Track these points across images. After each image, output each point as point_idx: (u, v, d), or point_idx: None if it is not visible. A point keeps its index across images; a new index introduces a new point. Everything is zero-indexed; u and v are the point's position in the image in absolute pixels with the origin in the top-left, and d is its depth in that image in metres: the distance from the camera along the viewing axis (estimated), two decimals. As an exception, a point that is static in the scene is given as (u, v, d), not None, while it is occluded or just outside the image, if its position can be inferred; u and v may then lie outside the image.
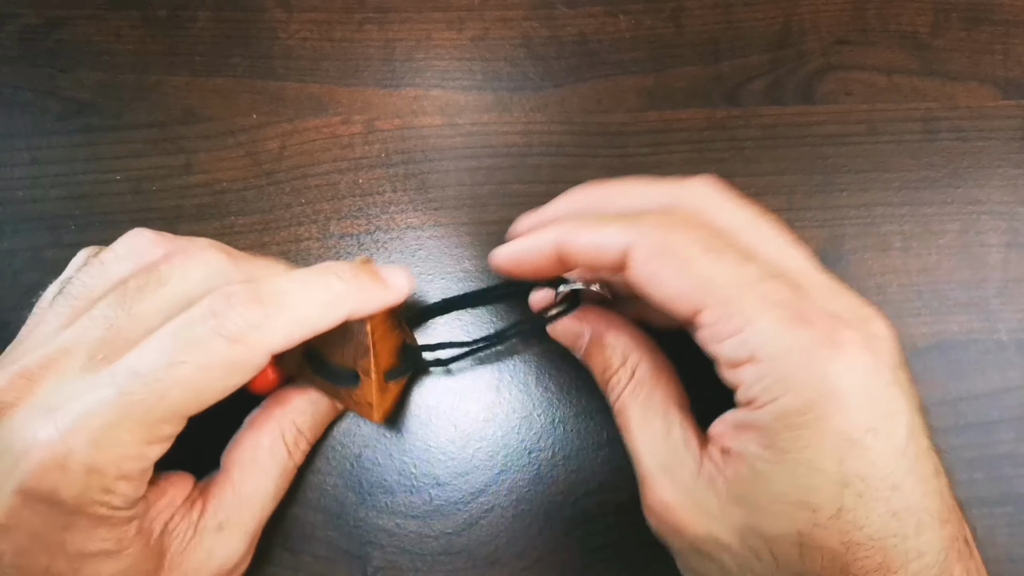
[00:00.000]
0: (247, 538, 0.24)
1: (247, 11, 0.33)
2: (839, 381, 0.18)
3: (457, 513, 0.28)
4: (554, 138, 0.32)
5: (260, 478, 0.24)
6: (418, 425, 0.29)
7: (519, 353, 0.30)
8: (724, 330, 0.19)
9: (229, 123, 0.32)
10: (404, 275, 0.25)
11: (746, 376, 0.19)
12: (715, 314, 0.19)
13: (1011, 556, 0.28)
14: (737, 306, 0.19)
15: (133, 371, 0.20)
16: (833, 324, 0.19)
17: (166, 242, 0.23)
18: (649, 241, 0.20)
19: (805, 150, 0.32)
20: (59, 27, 0.33)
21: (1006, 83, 0.33)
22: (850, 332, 0.19)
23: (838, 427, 0.18)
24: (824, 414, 0.18)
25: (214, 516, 0.23)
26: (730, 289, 0.19)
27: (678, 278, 0.20)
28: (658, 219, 0.21)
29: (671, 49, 0.34)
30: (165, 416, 0.20)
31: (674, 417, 0.22)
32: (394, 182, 0.32)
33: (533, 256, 0.23)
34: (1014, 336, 0.30)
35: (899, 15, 0.34)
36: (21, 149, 0.31)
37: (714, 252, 0.20)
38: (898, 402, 0.19)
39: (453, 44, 0.33)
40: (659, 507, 0.21)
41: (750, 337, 0.19)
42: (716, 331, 0.19)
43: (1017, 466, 0.29)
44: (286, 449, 0.26)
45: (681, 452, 0.21)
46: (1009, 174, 0.32)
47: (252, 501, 0.24)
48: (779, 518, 0.19)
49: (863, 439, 0.18)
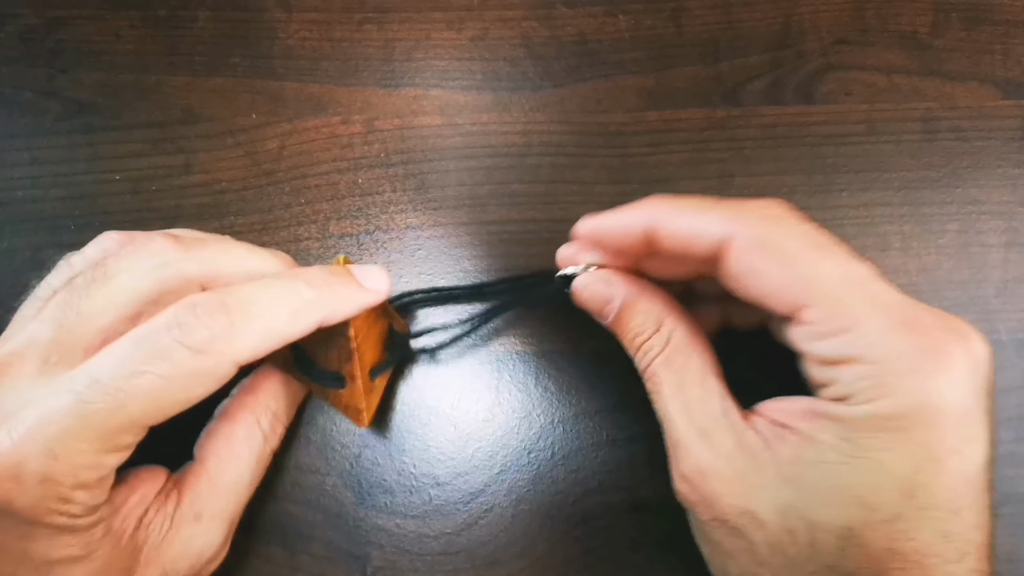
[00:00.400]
0: (225, 527, 0.24)
1: (247, 11, 0.33)
2: (940, 395, 0.18)
3: (457, 513, 0.28)
4: (554, 138, 0.32)
5: (236, 467, 0.24)
6: (418, 425, 0.29)
7: (519, 353, 0.30)
8: (828, 329, 0.19)
9: (229, 123, 0.32)
10: (381, 275, 0.24)
11: (844, 375, 0.19)
12: (820, 312, 0.19)
13: (1011, 556, 0.28)
14: (846, 305, 0.19)
15: (93, 379, 0.19)
16: (944, 335, 0.18)
17: (128, 239, 0.23)
18: (752, 232, 0.20)
19: (805, 150, 0.32)
20: (59, 27, 0.33)
21: (1006, 83, 0.33)
22: (958, 345, 0.18)
23: (926, 440, 0.18)
24: (916, 424, 0.18)
25: (191, 507, 0.23)
26: (838, 288, 0.19)
27: (782, 273, 0.19)
28: (762, 210, 0.20)
29: (671, 49, 0.34)
30: (124, 426, 0.20)
31: (712, 385, 0.22)
32: (394, 182, 0.32)
33: (620, 232, 0.23)
34: (1014, 336, 0.30)
35: (899, 15, 0.34)
36: (21, 149, 0.31)
37: (821, 249, 0.19)
38: (984, 429, 0.18)
39: (453, 44, 0.33)
40: (694, 473, 0.21)
41: (857, 338, 0.18)
42: (818, 329, 0.19)
43: (1017, 466, 0.29)
44: (262, 436, 0.25)
45: (721, 420, 0.21)
46: (1009, 174, 0.32)
47: (229, 490, 0.24)
48: (831, 507, 0.19)
49: (945, 458, 0.18)
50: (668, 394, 0.22)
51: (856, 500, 0.18)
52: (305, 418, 0.29)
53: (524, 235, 0.31)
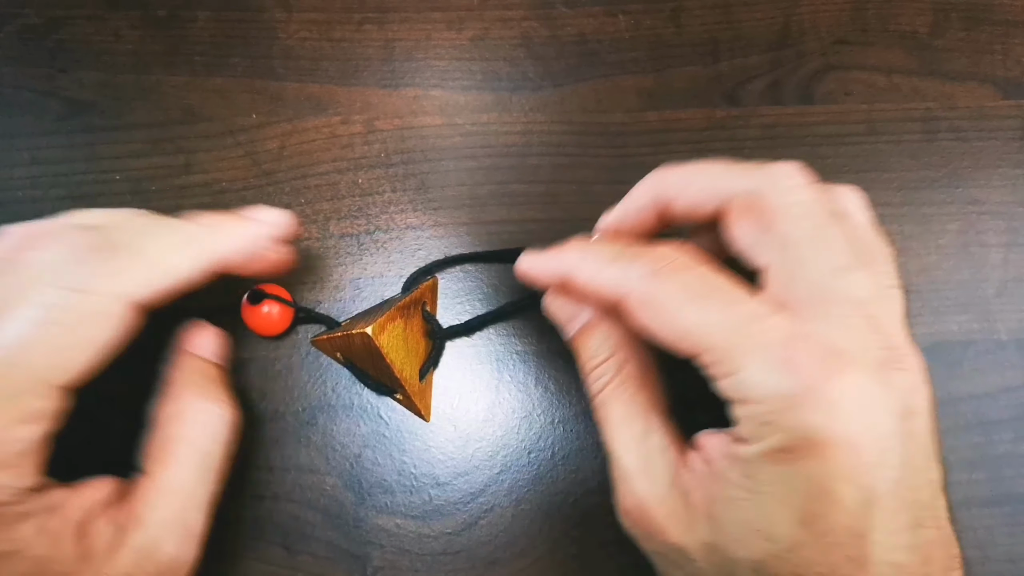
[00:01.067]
0: (179, 531, 0.23)
1: (247, 11, 0.33)
2: (820, 429, 0.18)
3: (457, 513, 0.28)
4: (554, 138, 0.32)
5: (177, 467, 0.23)
6: (418, 425, 0.29)
7: (519, 353, 0.30)
8: (718, 372, 0.19)
9: (229, 123, 0.32)
10: (270, 210, 0.24)
11: (740, 414, 0.19)
12: (710, 357, 0.19)
13: (1011, 556, 0.28)
14: (726, 351, 0.19)
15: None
16: (827, 369, 0.18)
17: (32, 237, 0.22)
18: (638, 293, 0.20)
19: (805, 150, 0.32)
20: (59, 27, 0.33)
21: (1006, 83, 0.33)
22: (846, 378, 0.18)
23: (813, 473, 0.18)
24: (800, 458, 0.18)
25: (138, 514, 0.22)
26: (719, 334, 0.19)
27: (669, 328, 0.20)
28: (649, 264, 0.21)
29: (671, 49, 0.34)
30: (26, 386, 0.19)
31: (654, 422, 0.22)
32: (394, 182, 0.32)
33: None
34: (1013, 336, 0.30)
35: (899, 15, 0.34)
36: (21, 149, 0.31)
37: (700, 299, 0.20)
38: (890, 453, 0.18)
39: (453, 44, 0.33)
40: (635, 508, 0.22)
41: (742, 380, 0.19)
42: (713, 372, 0.20)
43: (1016, 466, 0.29)
44: (199, 430, 0.24)
45: (660, 458, 0.22)
46: (1009, 174, 0.32)
47: (174, 491, 0.23)
48: (742, 543, 0.19)
49: (836, 487, 0.18)
50: (614, 427, 0.23)
51: (760, 534, 0.19)
52: (305, 418, 0.29)
53: (524, 235, 0.31)
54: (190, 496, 0.23)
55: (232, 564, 0.28)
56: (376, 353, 0.26)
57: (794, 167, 0.22)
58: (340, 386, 0.29)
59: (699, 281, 0.20)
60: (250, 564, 0.28)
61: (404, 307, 0.27)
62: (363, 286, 0.30)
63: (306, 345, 0.30)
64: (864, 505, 0.18)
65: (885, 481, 0.18)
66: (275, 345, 0.30)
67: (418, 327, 0.29)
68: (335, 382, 0.29)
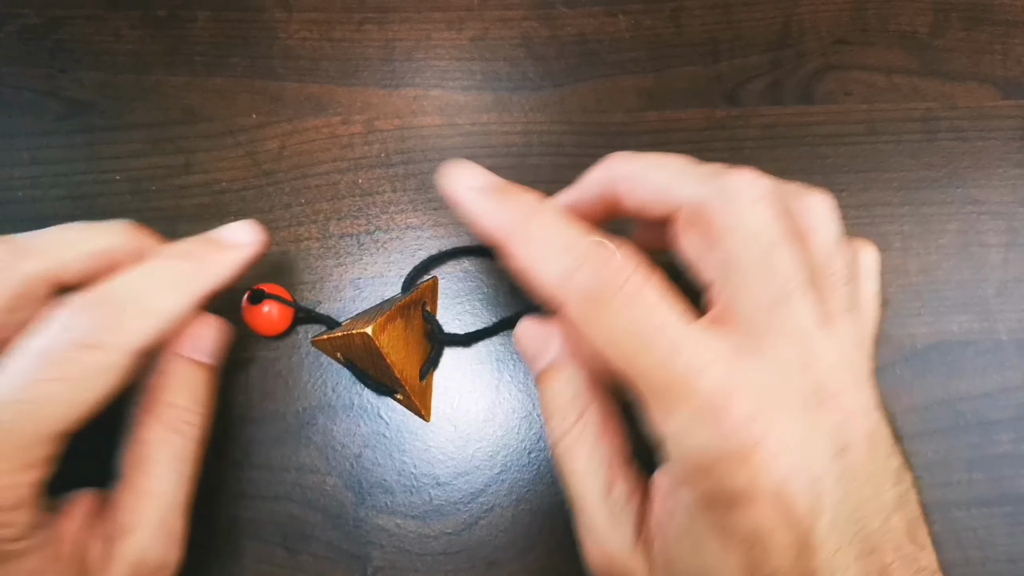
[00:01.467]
0: (162, 534, 0.23)
1: (247, 11, 0.33)
2: (750, 485, 0.18)
3: (457, 513, 0.28)
4: (554, 138, 0.32)
5: (155, 471, 0.23)
6: (418, 425, 0.29)
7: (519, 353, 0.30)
8: (651, 415, 0.19)
9: (229, 123, 0.32)
10: (244, 229, 0.24)
11: (673, 456, 0.19)
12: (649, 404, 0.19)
13: (1011, 556, 0.28)
14: (662, 398, 0.19)
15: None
16: (754, 422, 0.18)
17: None
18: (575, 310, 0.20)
19: (805, 150, 0.32)
20: (59, 27, 0.33)
21: (1006, 83, 0.33)
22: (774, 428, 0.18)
23: (746, 523, 0.18)
24: (734, 509, 0.18)
25: (120, 522, 0.22)
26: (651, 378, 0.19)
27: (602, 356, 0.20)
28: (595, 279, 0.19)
29: (671, 49, 0.34)
30: (35, 439, 0.19)
31: (618, 471, 0.22)
32: (394, 182, 0.32)
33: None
34: (1013, 336, 0.30)
35: (899, 15, 0.34)
36: (21, 149, 0.31)
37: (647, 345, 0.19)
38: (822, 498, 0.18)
39: (453, 44, 0.33)
40: (603, 564, 0.21)
41: (671, 429, 0.19)
42: (645, 412, 0.19)
43: (1016, 466, 0.29)
44: (171, 433, 0.24)
45: (622, 510, 0.21)
46: (1009, 174, 0.32)
47: (155, 496, 0.23)
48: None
49: (767, 537, 0.18)
50: (578, 478, 0.22)
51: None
52: (305, 418, 0.29)
53: (524, 235, 0.31)
54: (167, 496, 0.23)
55: (232, 564, 0.28)
56: (376, 353, 0.26)
57: (752, 177, 0.21)
58: (340, 386, 0.29)
59: (640, 314, 0.19)
60: (250, 564, 0.28)
61: (404, 307, 0.27)
62: (363, 286, 0.30)
63: (306, 345, 0.30)
64: (804, 549, 0.18)
65: (823, 523, 0.18)
66: (275, 345, 0.30)
67: (418, 327, 0.29)
68: (335, 382, 0.29)
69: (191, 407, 0.25)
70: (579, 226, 0.20)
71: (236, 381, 0.29)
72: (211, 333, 0.26)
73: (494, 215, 0.20)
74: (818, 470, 0.18)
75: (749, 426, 0.18)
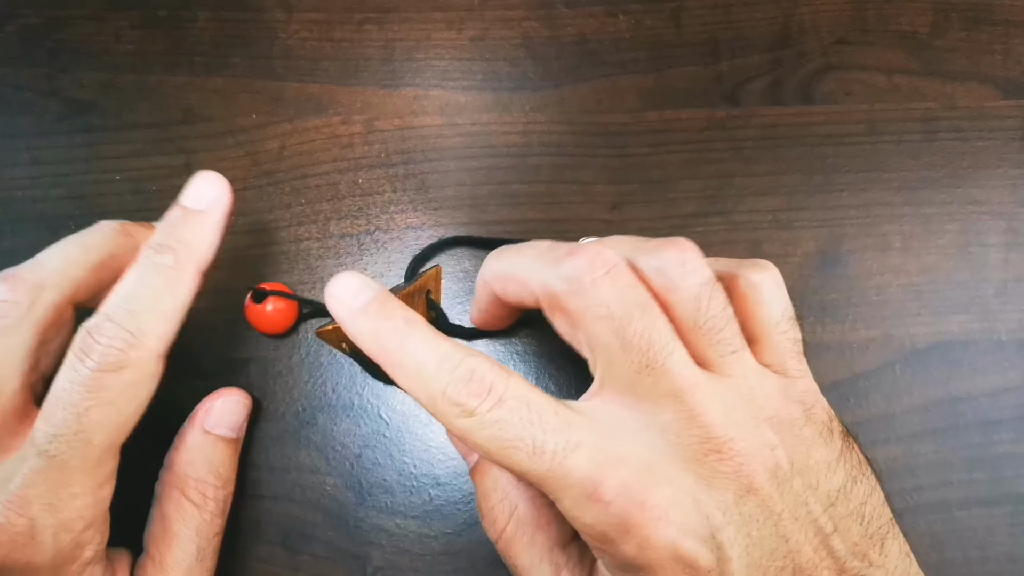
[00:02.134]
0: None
1: (247, 11, 0.33)
2: (643, 556, 0.18)
3: (457, 513, 0.28)
4: (554, 138, 0.32)
5: (176, 546, 0.24)
6: (418, 425, 0.29)
7: (519, 353, 0.30)
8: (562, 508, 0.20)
9: (229, 123, 0.32)
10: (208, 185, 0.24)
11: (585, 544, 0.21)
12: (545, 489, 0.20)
13: (1011, 556, 0.28)
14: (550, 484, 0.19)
15: (51, 435, 0.20)
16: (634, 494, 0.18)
17: None
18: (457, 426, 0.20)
19: (805, 150, 0.32)
20: (59, 27, 0.33)
21: (1006, 83, 0.33)
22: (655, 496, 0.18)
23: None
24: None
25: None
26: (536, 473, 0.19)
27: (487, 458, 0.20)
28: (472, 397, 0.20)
29: (671, 49, 0.34)
30: (100, 456, 0.21)
31: (560, 559, 0.22)
32: (394, 182, 0.32)
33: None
34: (1014, 336, 0.30)
35: (899, 15, 0.34)
36: (21, 149, 0.31)
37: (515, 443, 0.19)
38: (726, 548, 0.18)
39: (453, 44, 0.33)
40: None
41: (568, 515, 0.19)
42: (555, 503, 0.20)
43: (1017, 466, 0.29)
44: (193, 508, 0.25)
45: None
46: (1009, 174, 0.32)
47: (176, 570, 0.24)
48: None
49: None
50: (522, 570, 0.23)
51: None
52: (305, 418, 0.29)
53: (524, 235, 0.31)
54: (189, 569, 0.25)
55: (232, 564, 0.28)
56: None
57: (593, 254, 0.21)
58: (340, 386, 0.29)
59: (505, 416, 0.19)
60: (250, 564, 0.28)
61: (408, 295, 0.27)
62: (363, 286, 0.30)
63: (306, 345, 0.30)
64: None
65: (734, 569, 0.19)
66: (275, 345, 0.30)
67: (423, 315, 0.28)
68: (335, 382, 0.29)
69: (214, 482, 0.26)
70: (446, 345, 0.20)
71: (236, 381, 0.29)
72: (234, 408, 0.27)
73: (372, 339, 0.20)
74: (717, 520, 0.19)
75: (625, 497, 0.18)
